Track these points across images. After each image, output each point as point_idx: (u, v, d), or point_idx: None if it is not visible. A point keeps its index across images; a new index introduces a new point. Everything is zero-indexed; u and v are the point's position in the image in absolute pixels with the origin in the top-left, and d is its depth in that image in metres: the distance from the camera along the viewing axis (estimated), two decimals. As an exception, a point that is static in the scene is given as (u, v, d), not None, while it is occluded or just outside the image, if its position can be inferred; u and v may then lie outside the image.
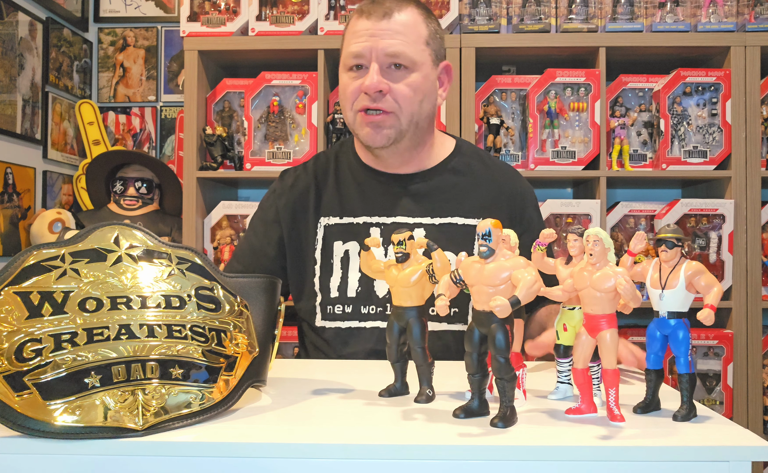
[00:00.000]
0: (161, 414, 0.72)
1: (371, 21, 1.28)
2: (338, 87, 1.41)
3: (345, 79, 1.33)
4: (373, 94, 1.27)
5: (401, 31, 1.27)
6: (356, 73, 1.30)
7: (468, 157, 1.43)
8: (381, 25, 1.27)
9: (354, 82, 1.30)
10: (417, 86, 1.29)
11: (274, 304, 0.92)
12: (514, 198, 1.40)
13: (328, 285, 1.34)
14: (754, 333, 2.22)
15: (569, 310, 0.88)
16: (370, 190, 1.38)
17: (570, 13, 2.34)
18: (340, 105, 1.39)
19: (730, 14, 2.30)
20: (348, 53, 1.30)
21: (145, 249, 0.81)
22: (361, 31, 1.29)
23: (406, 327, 0.88)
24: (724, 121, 2.27)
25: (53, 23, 2.64)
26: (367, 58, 1.28)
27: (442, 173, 1.39)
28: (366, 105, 1.28)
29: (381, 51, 1.27)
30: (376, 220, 1.35)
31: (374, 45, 1.27)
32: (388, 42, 1.26)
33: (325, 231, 1.37)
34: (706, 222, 2.28)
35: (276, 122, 2.36)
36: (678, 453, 0.68)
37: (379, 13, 1.28)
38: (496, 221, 0.77)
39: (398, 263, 0.89)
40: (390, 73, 1.28)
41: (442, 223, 1.34)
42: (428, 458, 0.68)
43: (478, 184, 1.39)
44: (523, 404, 0.84)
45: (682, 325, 0.78)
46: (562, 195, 2.63)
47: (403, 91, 1.28)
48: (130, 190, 2.49)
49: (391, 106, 1.28)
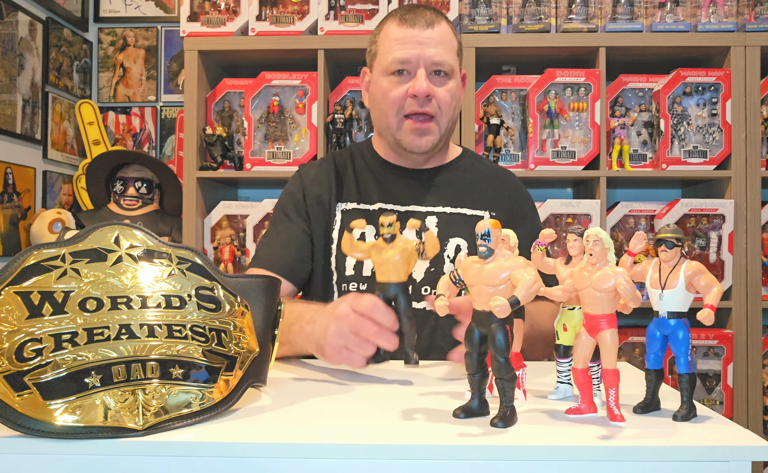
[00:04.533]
0: (161, 414, 0.72)
1: (416, 29, 1.36)
2: (371, 89, 1.44)
3: (385, 83, 1.39)
4: (422, 99, 1.35)
5: (442, 40, 1.37)
6: (399, 78, 1.37)
7: (473, 160, 1.55)
8: (426, 33, 1.36)
9: (398, 88, 1.37)
10: (454, 92, 1.40)
11: (274, 304, 0.92)
12: (513, 196, 1.50)
13: (344, 264, 1.40)
14: (754, 333, 2.22)
15: (569, 310, 0.88)
16: (385, 181, 1.46)
17: (570, 13, 2.34)
18: (377, 108, 1.43)
19: (730, 14, 2.30)
20: (393, 59, 1.37)
21: (145, 249, 0.81)
22: (407, 38, 1.36)
23: (393, 299, 0.99)
24: (724, 121, 2.27)
25: (53, 23, 2.64)
26: (413, 65, 1.36)
27: (452, 170, 1.49)
28: (414, 109, 1.37)
29: (428, 58, 1.35)
30: (391, 207, 1.42)
31: (422, 52, 1.35)
32: (435, 50, 1.35)
33: (343, 215, 1.43)
34: (706, 222, 2.28)
35: (276, 122, 2.36)
36: (678, 453, 0.68)
37: (423, 23, 1.36)
38: (495, 221, 0.77)
39: (386, 243, 0.99)
40: (432, 80, 1.37)
41: (452, 212, 1.43)
42: (428, 458, 0.68)
43: (482, 181, 1.49)
44: (523, 404, 0.84)
45: (682, 325, 0.78)
46: (562, 195, 2.63)
47: (445, 96, 1.38)
48: (130, 190, 2.49)
49: (435, 110, 1.38)
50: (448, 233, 1.39)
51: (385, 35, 1.40)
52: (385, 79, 1.38)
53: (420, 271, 1.37)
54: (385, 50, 1.39)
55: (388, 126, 1.41)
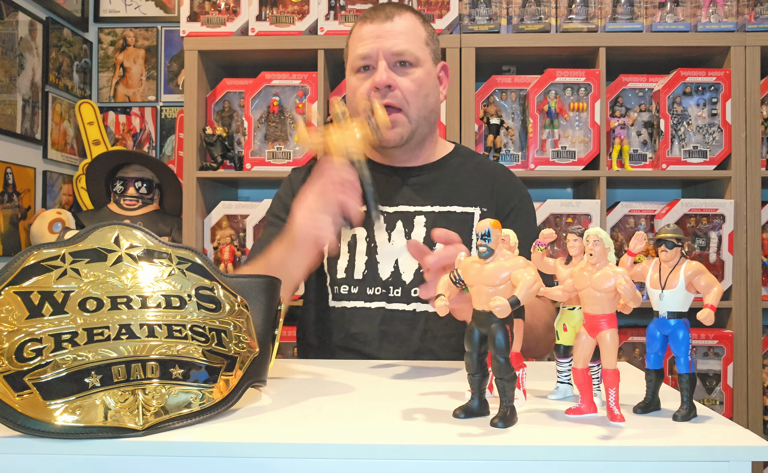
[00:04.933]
0: (161, 414, 0.72)
1: (375, 24, 1.38)
2: (346, 91, 1.47)
3: (353, 81, 1.41)
4: (383, 89, 1.35)
5: (403, 31, 1.38)
6: (364, 74, 1.39)
7: (464, 157, 1.52)
8: (385, 26, 1.37)
9: (363, 83, 1.38)
10: (421, 81, 1.38)
11: (274, 304, 0.92)
12: (504, 192, 1.46)
13: (336, 266, 1.40)
14: (754, 333, 2.22)
15: (569, 310, 0.88)
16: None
17: (570, 13, 2.34)
18: (350, 107, 1.44)
19: (730, 14, 2.30)
20: (355, 56, 1.39)
21: (145, 249, 0.81)
22: (366, 34, 1.38)
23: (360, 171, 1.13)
24: (724, 121, 2.27)
25: (53, 23, 2.64)
26: (374, 58, 1.36)
27: (441, 168, 1.47)
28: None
29: (387, 50, 1.36)
30: (379, 208, 1.39)
31: (380, 45, 1.36)
32: (393, 41, 1.36)
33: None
34: (706, 222, 2.28)
35: (276, 122, 2.36)
36: (678, 453, 0.68)
37: (382, 17, 1.38)
38: (495, 221, 0.77)
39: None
40: (396, 71, 1.37)
41: (441, 210, 1.41)
42: (428, 458, 0.68)
43: (473, 178, 1.47)
44: (523, 404, 0.84)
45: (682, 325, 0.78)
46: (562, 195, 2.63)
47: (409, 85, 1.36)
48: (130, 190, 2.49)
49: (400, 101, 1.36)
50: None
51: (352, 37, 1.43)
52: (353, 78, 1.41)
53: (410, 272, 1.36)
54: (351, 50, 1.42)
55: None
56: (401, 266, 1.37)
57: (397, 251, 1.38)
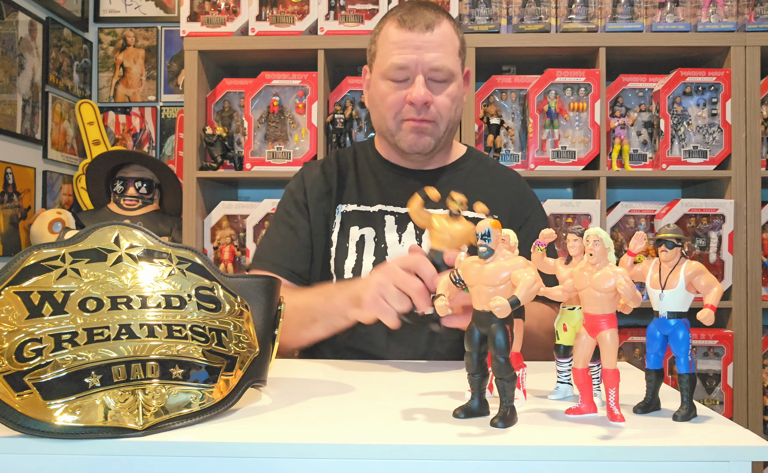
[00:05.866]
0: (161, 414, 0.72)
1: (414, 33, 1.32)
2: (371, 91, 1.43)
3: (384, 87, 1.37)
4: (419, 107, 1.33)
5: (442, 43, 1.33)
6: (397, 84, 1.35)
7: (477, 160, 1.52)
8: (425, 37, 1.32)
9: (396, 93, 1.35)
10: (455, 96, 1.37)
11: (274, 304, 0.92)
12: (516, 197, 1.47)
13: (343, 267, 1.38)
14: (754, 333, 2.22)
15: (569, 310, 0.88)
16: (386, 182, 1.45)
17: (570, 13, 2.34)
18: (376, 110, 1.42)
19: (730, 14, 2.30)
20: (391, 64, 1.34)
21: (145, 249, 0.81)
22: (405, 42, 1.33)
23: (438, 269, 1.05)
24: (724, 121, 2.27)
25: (53, 23, 2.64)
26: (412, 71, 1.33)
27: (454, 171, 1.47)
28: (412, 116, 1.35)
29: (427, 64, 1.32)
30: (391, 209, 1.41)
31: (420, 58, 1.32)
32: (433, 55, 1.32)
33: (343, 217, 1.42)
34: (706, 222, 2.28)
35: (276, 122, 2.36)
36: (678, 453, 0.68)
37: (422, 26, 1.32)
38: (496, 221, 0.77)
39: (451, 217, 1.07)
40: (431, 86, 1.34)
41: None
42: (428, 458, 0.68)
43: (485, 183, 1.47)
44: (523, 404, 0.84)
45: (682, 325, 0.78)
46: (562, 195, 2.63)
47: (445, 102, 1.35)
48: (130, 190, 2.49)
49: (434, 116, 1.36)
50: None
51: (384, 36, 1.38)
52: (383, 83, 1.37)
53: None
54: (383, 52, 1.37)
55: (387, 128, 1.40)
56: None
57: (406, 252, 1.37)
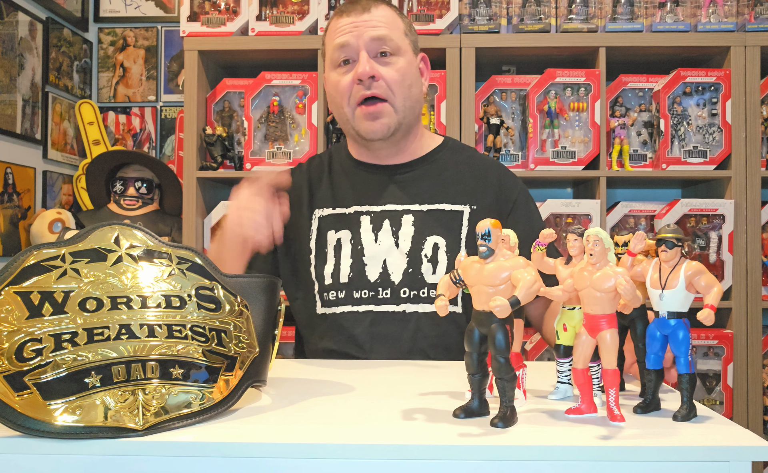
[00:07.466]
0: (161, 414, 0.72)
1: (352, 16, 1.35)
2: (327, 88, 1.44)
3: (334, 76, 1.38)
4: (367, 81, 1.33)
5: (382, 20, 1.36)
6: (345, 68, 1.36)
7: (453, 151, 1.48)
8: (363, 17, 1.35)
9: (345, 76, 1.36)
10: (404, 71, 1.36)
11: (274, 304, 0.92)
12: (498, 186, 1.42)
13: (323, 272, 1.37)
14: (754, 333, 2.22)
15: (569, 310, 0.88)
16: (359, 181, 1.43)
17: (570, 13, 2.33)
18: (333, 103, 1.42)
19: (730, 14, 2.30)
20: (334, 48, 1.36)
21: (145, 249, 0.81)
22: (344, 25, 1.36)
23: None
24: (724, 121, 2.27)
25: (53, 23, 2.64)
26: (354, 48, 1.34)
27: (429, 163, 1.44)
28: (362, 94, 1.34)
29: (367, 38, 1.33)
30: (366, 209, 1.40)
31: (360, 34, 1.34)
32: (373, 29, 1.34)
33: (320, 222, 1.41)
34: (706, 222, 2.28)
35: (276, 122, 2.36)
36: (678, 453, 0.68)
37: (359, 9, 1.36)
38: (496, 221, 0.77)
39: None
40: (377, 61, 1.35)
41: (429, 209, 1.39)
42: (428, 458, 0.68)
43: (463, 173, 1.43)
44: (523, 404, 0.84)
45: (682, 325, 0.78)
46: (562, 195, 2.63)
47: (393, 75, 1.34)
48: (130, 190, 2.49)
49: (385, 92, 1.34)
50: (425, 232, 1.35)
51: (329, 32, 1.41)
52: (333, 73, 1.38)
53: (398, 272, 1.34)
54: (329, 44, 1.40)
55: (346, 119, 1.39)
56: (389, 267, 1.34)
57: (384, 251, 1.35)
